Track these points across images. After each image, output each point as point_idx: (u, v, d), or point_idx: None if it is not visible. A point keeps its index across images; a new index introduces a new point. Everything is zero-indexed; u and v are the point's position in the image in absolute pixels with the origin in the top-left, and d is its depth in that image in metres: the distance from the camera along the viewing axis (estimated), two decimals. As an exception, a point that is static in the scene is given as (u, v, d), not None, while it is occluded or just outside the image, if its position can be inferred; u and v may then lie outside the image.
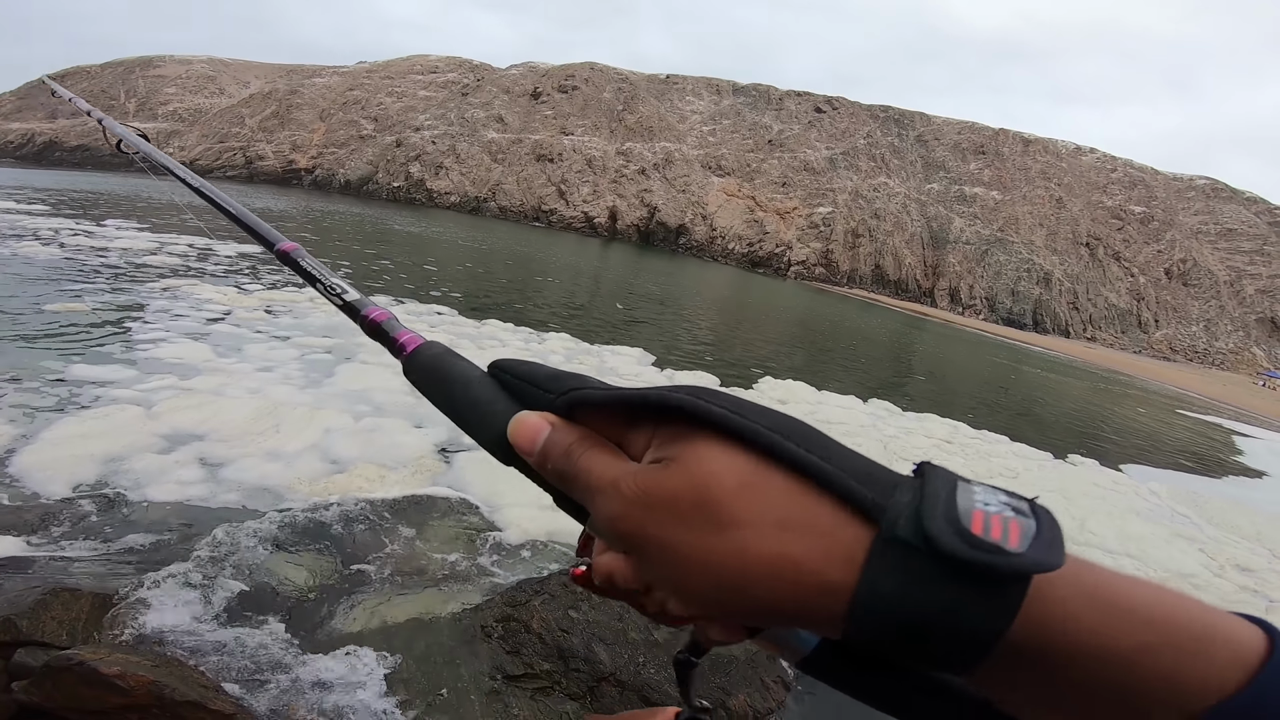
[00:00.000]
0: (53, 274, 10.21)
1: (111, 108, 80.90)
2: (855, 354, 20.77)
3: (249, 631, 3.31)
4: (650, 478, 0.30)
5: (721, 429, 0.29)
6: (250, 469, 4.82)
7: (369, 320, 0.56)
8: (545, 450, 0.36)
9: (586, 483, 0.33)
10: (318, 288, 0.67)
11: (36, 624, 2.70)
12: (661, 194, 65.01)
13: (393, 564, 4.04)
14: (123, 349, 6.94)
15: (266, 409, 5.72)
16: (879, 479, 0.27)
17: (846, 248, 64.37)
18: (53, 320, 7.71)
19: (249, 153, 71.95)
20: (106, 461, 4.59)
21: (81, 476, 4.38)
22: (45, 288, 9.14)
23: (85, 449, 4.63)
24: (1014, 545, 0.24)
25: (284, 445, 5.20)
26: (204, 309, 9.12)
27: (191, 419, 5.34)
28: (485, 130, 70.58)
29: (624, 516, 0.31)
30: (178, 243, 15.94)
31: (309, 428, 5.55)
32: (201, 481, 4.58)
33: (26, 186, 31.56)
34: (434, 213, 54.65)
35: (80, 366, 6.24)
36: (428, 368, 0.47)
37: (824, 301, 42.48)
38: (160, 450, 4.85)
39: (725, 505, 0.28)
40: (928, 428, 10.71)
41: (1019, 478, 9.02)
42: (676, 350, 12.73)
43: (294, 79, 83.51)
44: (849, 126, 76.31)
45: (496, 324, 11.29)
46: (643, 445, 0.33)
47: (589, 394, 0.36)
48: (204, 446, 4.99)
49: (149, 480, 4.46)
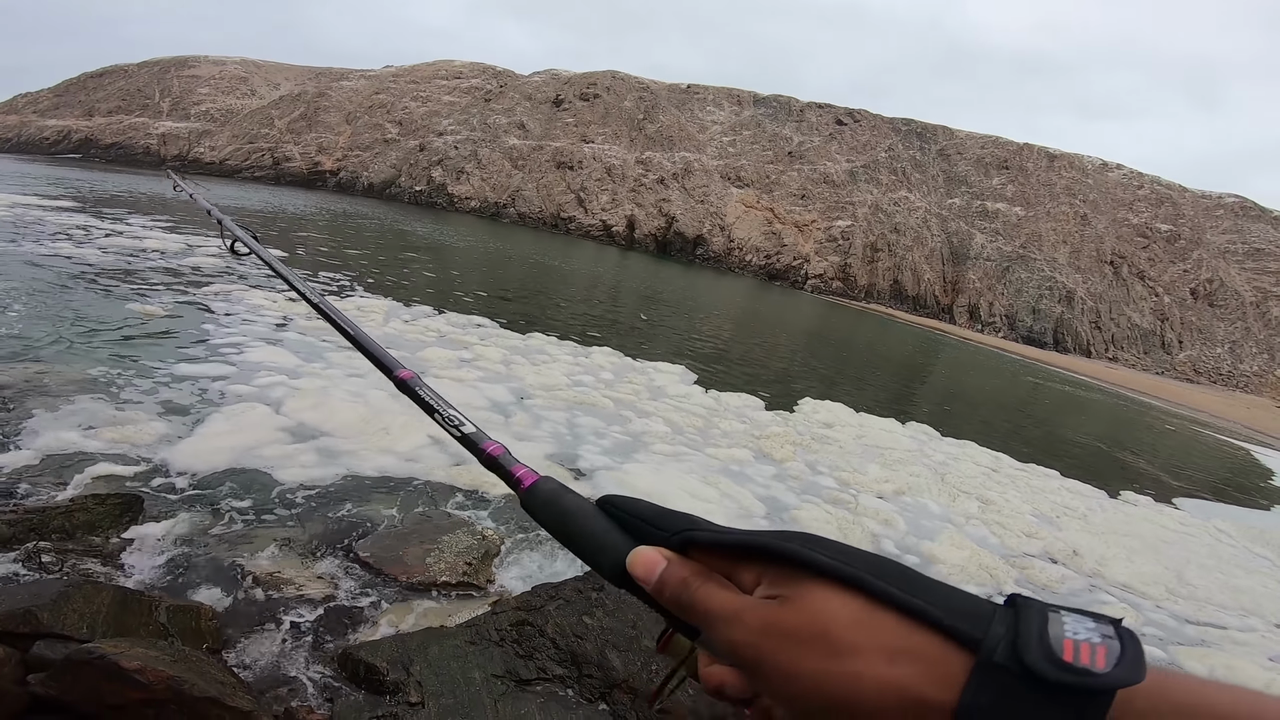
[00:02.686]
0: (104, 275, 10.81)
1: (146, 106, 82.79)
2: (881, 372, 20.74)
3: (276, 625, 3.43)
4: (772, 612, 0.37)
5: (835, 576, 0.36)
6: (369, 460, 5.54)
7: (486, 454, 0.63)
8: (663, 581, 0.43)
9: (704, 610, 0.40)
10: (435, 418, 0.73)
11: (57, 616, 2.70)
12: (680, 204, 65.13)
13: (427, 565, 4.14)
14: (210, 351, 7.53)
15: (371, 413, 6.40)
16: (974, 612, 0.32)
17: (865, 262, 64.03)
18: (135, 321, 8.28)
19: (276, 154, 73.23)
20: (245, 451, 5.25)
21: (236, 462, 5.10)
22: (107, 289, 9.73)
23: (234, 441, 5.36)
24: (1100, 667, 0.29)
25: (395, 444, 5.88)
26: (262, 315, 9.71)
27: (314, 417, 6.08)
28: (507, 136, 71.30)
29: (747, 643, 0.37)
30: (205, 244, 16.35)
31: (415, 432, 6.17)
32: (329, 470, 5.29)
33: (58, 182, 32.53)
34: (454, 217, 55.31)
35: (184, 366, 6.88)
36: (547, 503, 0.54)
37: (842, 316, 42.25)
38: (288, 443, 5.59)
39: (842, 638, 0.34)
40: (971, 454, 10.75)
41: (1088, 519, 8.99)
42: (714, 368, 12.81)
43: (322, 82, 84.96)
44: (870, 139, 76.01)
45: (541, 337, 11.41)
46: (751, 581, 0.40)
47: (701, 535, 0.43)
48: (329, 441, 5.73)
49: (284, 468, 5.15)
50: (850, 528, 6.64)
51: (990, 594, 5.85)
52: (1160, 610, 6.55)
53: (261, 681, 3.04)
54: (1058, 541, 7.67)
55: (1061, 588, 6.54)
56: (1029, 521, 8.08)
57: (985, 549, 6.91)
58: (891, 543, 6.58)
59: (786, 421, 9.89)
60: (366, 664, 3.08)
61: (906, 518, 7.28)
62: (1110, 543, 8.11)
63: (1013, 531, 7.59)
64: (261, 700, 2.76)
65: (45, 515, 3.64)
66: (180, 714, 2.34)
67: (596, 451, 7.11)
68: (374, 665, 3.06)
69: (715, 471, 7.32)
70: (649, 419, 8.53)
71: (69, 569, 3.37)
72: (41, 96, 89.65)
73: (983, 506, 8.22)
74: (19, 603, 2.67)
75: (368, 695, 2.98)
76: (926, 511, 7.64)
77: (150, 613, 2.93)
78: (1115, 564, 7.39)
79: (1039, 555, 7.19)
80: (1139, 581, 7.08)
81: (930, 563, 6.34)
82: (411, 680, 3.04)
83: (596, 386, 9.32)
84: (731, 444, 8.36)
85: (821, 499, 7.25)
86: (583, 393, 8.89)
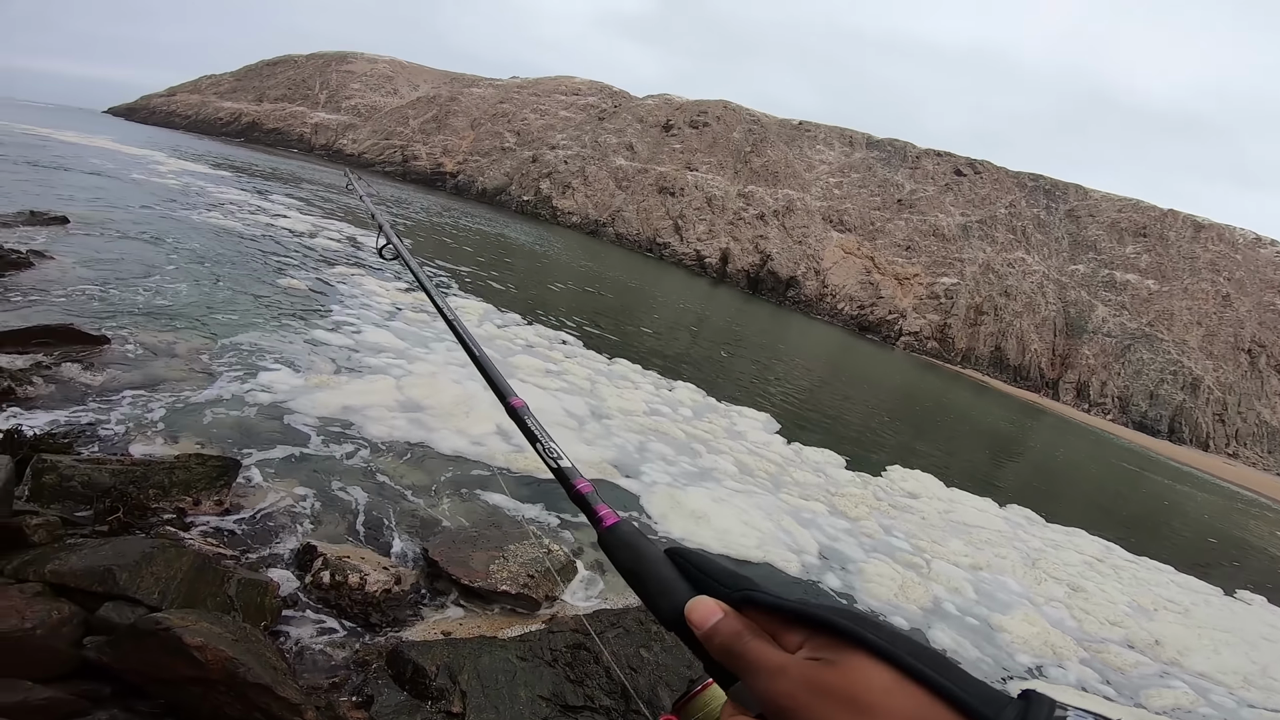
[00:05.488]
0: (247, 247, 12.62)
1: (307, 97, 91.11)
2: (976, 443, 19.81)
3: (334, 611, 3.58)
4: (815, 670, 0.42)
5: (875, 650, 0.41)
6: (446, 438, 6.29)
7: (575, 489, 0.72)
8: (715, 629, 0.49)
9: (752, 661, 0.46)
10: (536, 448, 0.81)
11: (135, 578, 2.67)
12: (777, 242, 64.22)
13: (490, 571, 4.23)
14: (336, 326, 8.74)
15: (465, 396, 7.29)
16: (992, 699, 0.37)
17: (967, 324, 60.60)
18: (285, 293, 9.81)
19: (406, 152, 78.69)
20: (352, 418, 6.14)
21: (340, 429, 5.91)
22: (247, 261, 11.44)
23: (350, 406, 6.35)
24: None
25: (470, 427, 6.65)
26: (374, 302, 10.76)
27: (421, 394, 7.11)
28: (615, 156, 73.24)
29: (787, 694, 0.42)
30: (328, 227, 17.87)
31: (486, 421, 6.88)
32: (416, 439, 6.14)
33: (222, 160, 36.48)
34: (555, 230, 57.20)
35: (321, 333, 8.26)
36: (623, 544, 0.62)
37: (935, 378, 40.20)
38: (396, 414, 6.51)
39: (873, 702, 0.39)
40: (1077, 542, 10.29)
41: (1189, 613, 8.52)
42: (797, 419, 12.62)
43: (455, 87, 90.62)
44: (990, 193, 72.24)
45: (625, 364, 11.59)
46: (794, 644, 0.45)
47: (760, 597, 0.49)
48: (424, 416, 6.62)
49: (384, 439, 5.95)
50: (912, 587, 6.50)
51: (1049, 668, 5.94)
52: (1230, 697, 6.47)
53: (309, 668, 3.10)
54: (1143, 631, 7.43)
55: (1131, 672, 6.40)
56: (1120, 611, 7.85)
57: (1059, 629, 6.77)
58: (954, 606, 6.43)
59: (867, 484, 9.60)
60: (415, 665, 3.09)
61: (980, 589, 7.09)
62: (1203, 636, 7.85)
63: (1096, 618, 7.40)
64: (306, 689, 2.75)
65: (149, 469, 3.88)
66: (228, 695, 2.32)
67: (659, 471, 7.23)
68: (422, 667, 3.07)
69: (781, 512, 7.26)
70: (720, 456, 8.50)
71: (157, 528, 3.57)
72: (223, 79, 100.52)
73: (1071, 592, 7.97)
74: (102, 559, 2.69)
75: (410, 698, 2.98)
76: (1004, 587, 7.43)
77: (221, 583, 2.97)
78: (1197, 655, 7.23)
79: (1117, 641, 7.01)
80: (1217, 671, 6.94)
81: (994, 632, 6.22)
82: (456, 689, 3.04)
83: (674, 419, 9.36)
84: (804, 494, 8.23)
85: (890, 557, 7.11)
86: (658, 421, 8.96)
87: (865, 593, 6.14)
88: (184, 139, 61.33)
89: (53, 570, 2.58)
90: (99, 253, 9.27)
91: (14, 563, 2.62)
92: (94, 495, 3.53)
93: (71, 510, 3.41)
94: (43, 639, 2.28)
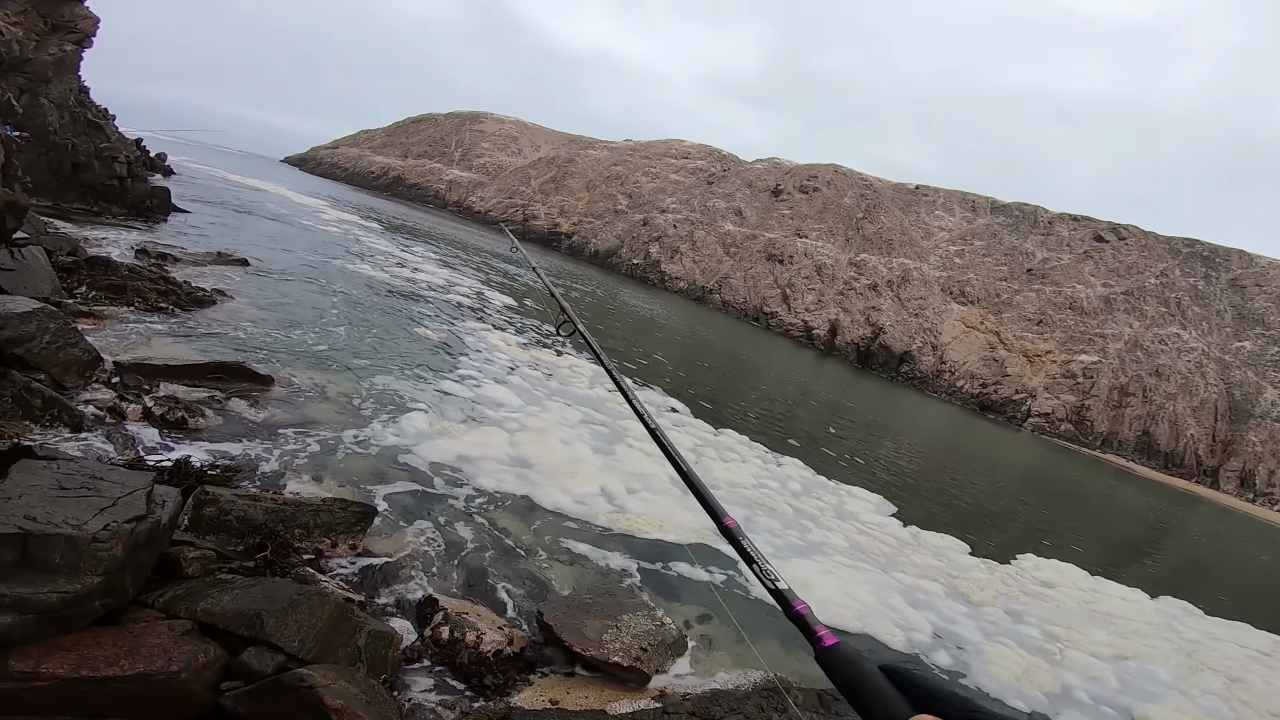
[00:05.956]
0: (395, 299, 13.99)
1: (444, 154, 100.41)
2: (1122, 532, 17.97)
3: (448, 669, 3.56)
4: None
5: None
6: (550, 495, 6.40)
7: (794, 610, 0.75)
8: None
9: None
10: (753, 569, 0.84)
11: (280, 625, 2.71)
12: (890, 314, 61.41)
13: (603, 640, 4.10)
14: (460, 379, 9.27)
15: (572, 457, 7.48)
16: None
17: (1109, 406, 54.50)
18: (421, 343, 10.73)
19: (527, 211, 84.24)
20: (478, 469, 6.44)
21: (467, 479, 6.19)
22: (399, 311, 12.71)
23: (473, 456, 6.66)
24: None
25: (575, 486, 6.76)
26: (497, 357, 11.37)
27: (531, 450, 7.29)
28: (723, 221, 74.07)
29: None
30: (460, 283, 19.25)
31: (594, 481, 7.06)
32: (522, 493, 6.30)
33: (371, 212, 40.90)
34: (663, 294, 58.22)
35: (448, 383, 8.80)
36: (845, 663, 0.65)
37: (1069, 463, 36.33)
38: (510, 468, 6.73)
39: None
40: (1241, 637, 9.33)
41: None
42: (914, 500, 11.90)
43: (573, 148, 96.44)
44: (1137, 261, 65.53)
45: (733, 435, 11.42)
46: None
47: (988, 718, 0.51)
48: (532, 472, 6.79)
49: (490, 479, 6.26)
50: (1039, 672, 6.08)
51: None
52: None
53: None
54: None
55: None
56: (1290, 706, 6.99)
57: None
58: (1088, 694, 5.98)
59: (994, 570, 9.01)
60: (524, 735, 3.00)
61: (1124, 679, 6.55)
62: None
63: (1258, 710, 6.74)
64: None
65: (297, 509, 4.12)
66: (350, 758, 2.26)
67: (763, 543, 6.98)
68: (530, 738, 2.98)
69: (890, 590, 6.89)
70: (830, 533, 8.15)
71: (297, 568, 3.74)
72: (376, 134, 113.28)
73: (1230, 684, 7.25)
74: (252, 602, 2.78)
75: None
76: (1153, 678, 6.84)
77: (353, 634, 3.02)
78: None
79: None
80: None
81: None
82: (563, 768, 2.91)
83: (782, 494, 9.08)
84: (920, 575, 7.77)
85: (1015, 642, 6.65)
86: (766, 495, 8.72)
87: (982, 673, 5.78)
88: (342, 190, 69.73)
89: (204, 609, 2.69)
90: (271, 294, 10.58)
91: (167, 595, 2.75)
92: (246, 530, 3.78)
93: (225, 544, 3.64)
94: (184, 683, 2.35)
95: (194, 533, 3.61)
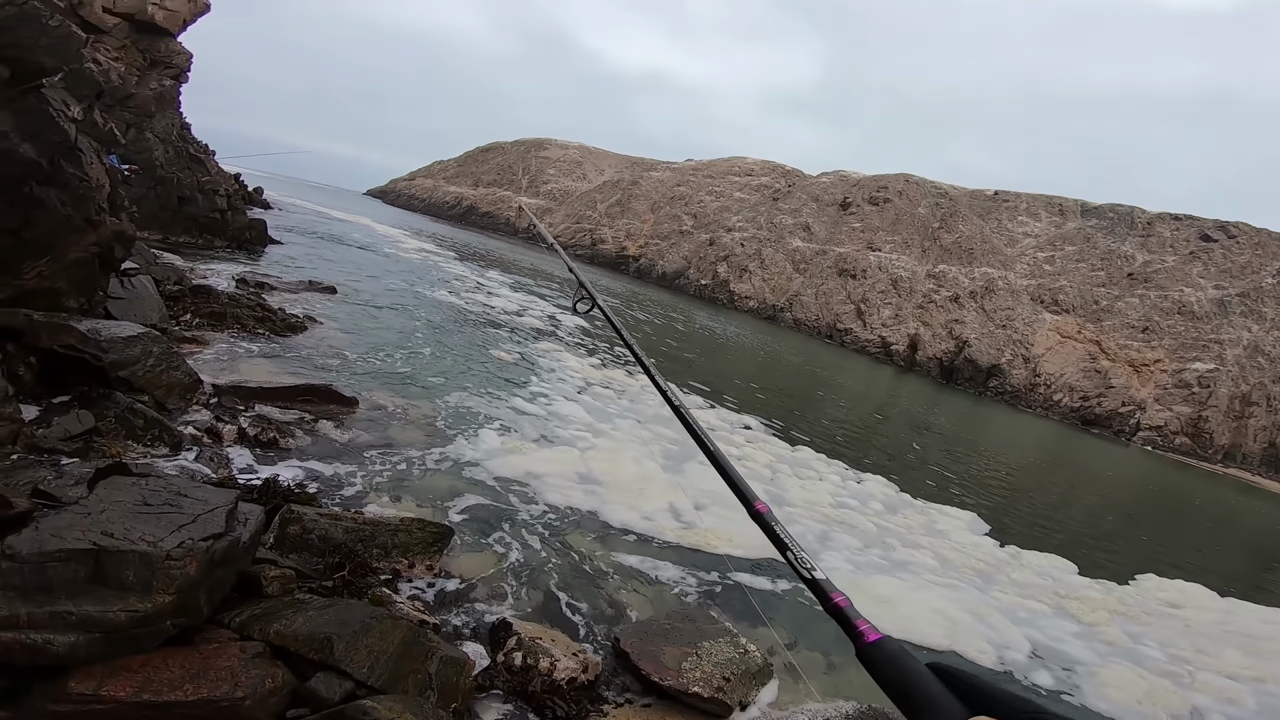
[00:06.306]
0: (472, 322, 14.52)
1: (512, 182, 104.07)
2: (1257, 548, 16.64)
3: (521, 699, 3.40)
4: None
5: None
6: (621, 512, 6.29)
7: (833, 602, 0.71)
8: None
9: None
10: (787, 556, 0.78)
11: (350, 649, 2.66)
12: (975, 326, 58.00)
13: (682, 669, 3.87)
14: (533, 397, 9.41)
15: (642, 475, 7.40)
16: None
17: (1230, 417, 49.28)
18: (496, 363, 11.03)
19: (594, 235, 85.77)
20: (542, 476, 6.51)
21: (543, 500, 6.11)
22: (475, 335, 13.18)
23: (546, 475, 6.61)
24: None
25: (643, 504, 6.64)
26: (569, 376, 11.51)
27: (602, 467, 7.26)
28: (791, 238, 72.61)
29: None
30: (532, 307, 19.69)
31: (663, 497, 6.91)
32: (592, 509, 6.22)
33: (446, 240, 42.81)
34: (732, 314, 57.47)
35: (521, 401, 8.93)
36: (889, 660, 0.61)
37: (1187, 478, 33.15)
38: (584, 488, 6.65)
39: None
40: None
41: None
42: (1014, 520, 11.13)
43: (636, 171, 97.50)
44: (1251, 260, 59.29)
45: (809, 452, 11.02)
46: None
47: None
48: (602, 489, 6.71)
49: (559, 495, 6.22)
50: (1164, 694, 5.58)
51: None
52: None
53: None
54: None
55: None
56: None
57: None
58: (1223, 717, 5.57)
59: (1110, 591, 8.28)
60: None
61: (1263, 701, 5.98)
62: None
63: None
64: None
65: (376, 529, 4.12)
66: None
67: (841, 560, 6.66)
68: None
69: (988, 608, 6.34)
70: (917, 550, 7.62)
71: (374, 588, 3.71)
72: (449, 165, 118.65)
73: None
74: (324, 625, 2.71)
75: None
76: None
77: (425, 660, 2.92)
78: None
79: None
80: None
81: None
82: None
83: (864, 512, 8.57)
84: (1023, 594, 7.15)
85: (1135, 664, 6.09)
86: (846, 514, 8.26)
87: (1095, 695, 5.34)
88: (419, 220, 73.53)
89: (277, 631, 2.64)
90: (357, 320, 11.15)
91: (244, 614, 2.72)
92: (326, 549, 3.80)
93: (307, 563, 3.67)
94: (248, 709, 2.29)
95: (279, 551, 3.65)
